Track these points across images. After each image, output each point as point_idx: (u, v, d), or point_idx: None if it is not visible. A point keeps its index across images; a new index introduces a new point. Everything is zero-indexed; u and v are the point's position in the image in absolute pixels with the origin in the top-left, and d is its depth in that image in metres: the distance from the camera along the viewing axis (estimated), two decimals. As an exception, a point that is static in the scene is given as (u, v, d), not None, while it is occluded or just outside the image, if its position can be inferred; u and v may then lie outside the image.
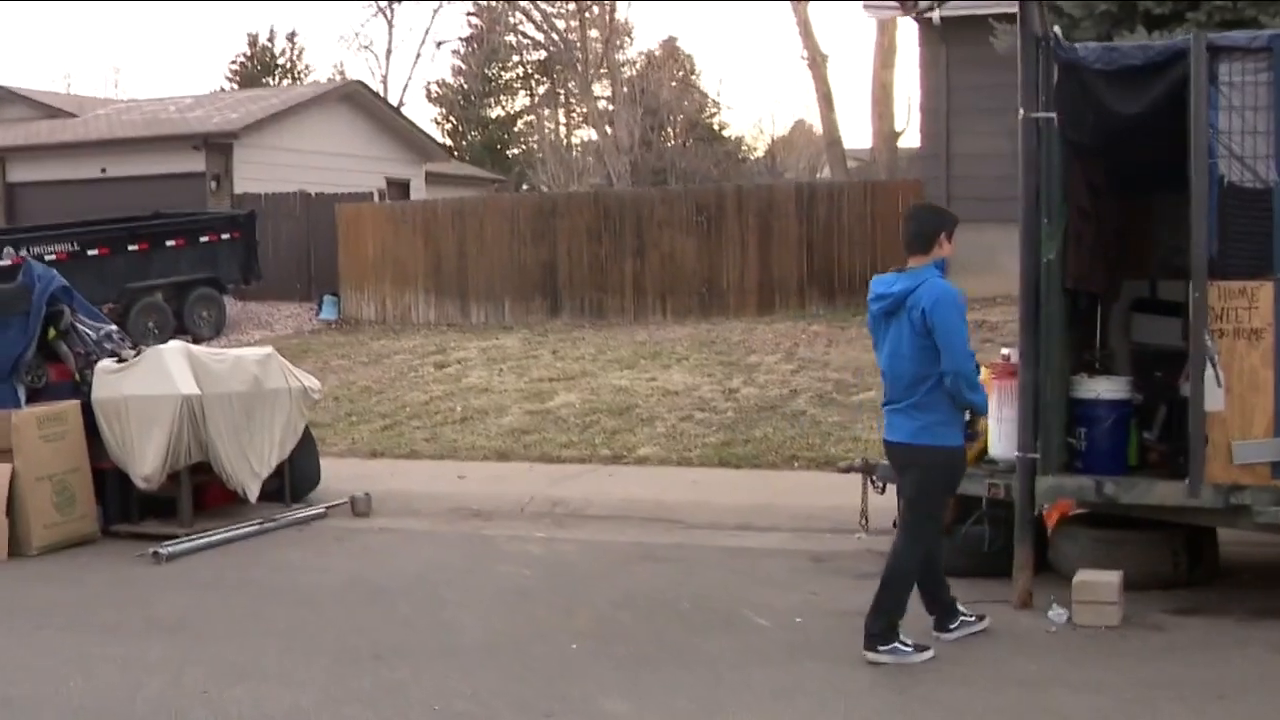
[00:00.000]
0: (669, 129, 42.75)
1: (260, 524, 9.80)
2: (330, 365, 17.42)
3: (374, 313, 21.72)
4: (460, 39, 47.53)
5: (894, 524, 8.48)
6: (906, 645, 6.22)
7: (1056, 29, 6.96)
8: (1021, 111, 6.87)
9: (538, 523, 10.08)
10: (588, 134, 45.93)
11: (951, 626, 6.55)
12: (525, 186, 40.72)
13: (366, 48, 68.25)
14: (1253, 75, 6.54)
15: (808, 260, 19.57)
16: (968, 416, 6.37)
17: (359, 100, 29.64)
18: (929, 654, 6.21)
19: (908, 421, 6.28)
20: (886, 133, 30.68)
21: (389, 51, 55.19)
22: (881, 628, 6.23)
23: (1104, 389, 7.35)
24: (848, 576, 8.07)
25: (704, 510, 10.15)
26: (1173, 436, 7.67)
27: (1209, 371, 6.50)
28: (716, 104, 47.16)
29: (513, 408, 14.26)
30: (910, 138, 33.76)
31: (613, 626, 7.01)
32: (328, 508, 10.46)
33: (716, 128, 45.90)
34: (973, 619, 6.59)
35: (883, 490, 8.44)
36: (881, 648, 6.20)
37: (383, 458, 12.74)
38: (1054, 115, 6.82)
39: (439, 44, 72.63)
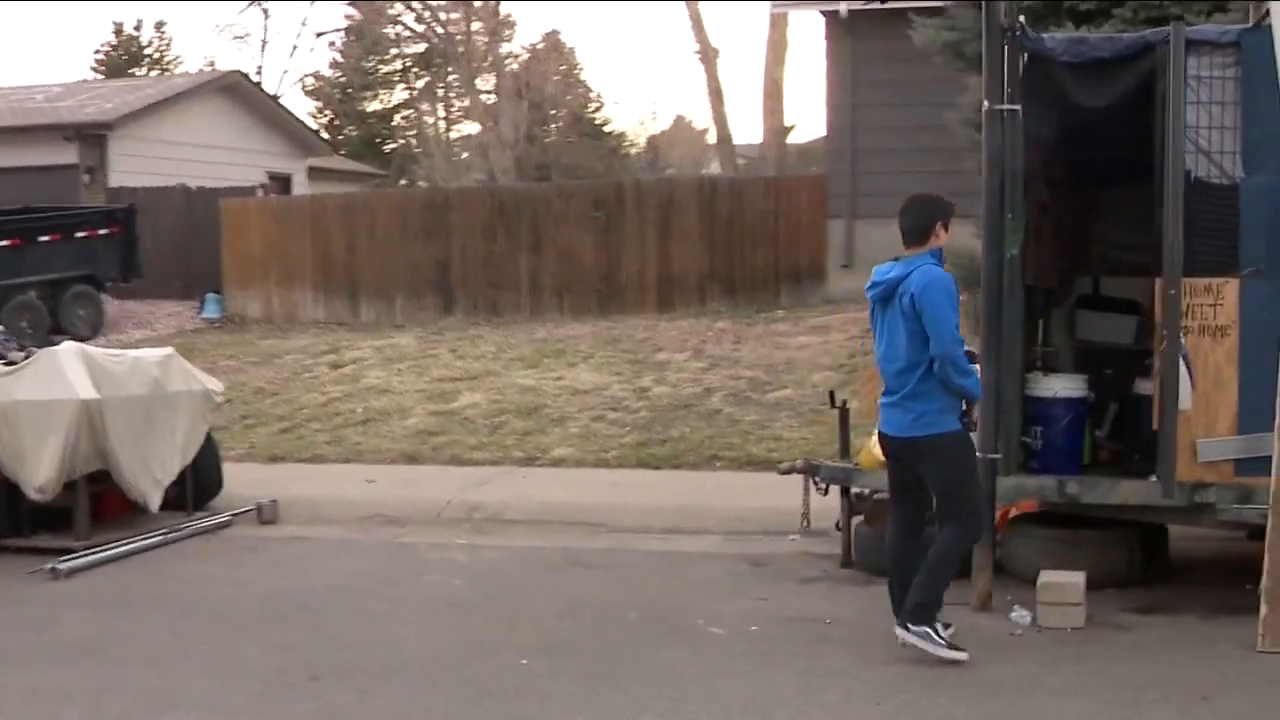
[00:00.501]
0: (553, 124, 42.33)
1: (164, 534, 9.26)
2: (219, 366, 16.71)
3: (260, 311, 20.99)
4: (338, 31, 46.56)
5: (836, 526, 8.30)
6: (940, 637, 6.03)
7: (1022, 18, 6.75)
8: (986, 104, 6.65)
9: (456, 529, 9.70)
10: (468, 129, 45.34)
11: (917, 633, 6.32)
12: (404, 182, 39.98)
13: (241, 39, 66.56)
14: (1220, 70, 6.43)
15: (709, 256, 19.32)
16: (963, 405, 6.14)
17: (239, 91, 28.72)
18: (961, 655, 5.98)
19: (903, 415, 6.12)
20: (777, 128, 30.67)
21: (264, 43, 53.72)
22: (913, 605, 6.07)
23: (1061, 387, 7.19)
24: (791, 581, 7.83)
25: (628, 513, 9.85)
26: (1125, 434, 7.56)
27: (1182, 370, 6.34)
28: (600, 99, 46.87)
29: (416, 409, 13.81)
30: (800, 133, 33.90)
31: (560, 639, 6.65)
32: (233, 515, 9.97)
33: (600, 123, 45.57)
34: (940, 625, 6.36)
35: (825, 491, 8.23)
36: (913, 627, 6.04)
37: (284, 462, 12.24)
38: (1019, 108, 6.60)
39: (319, 34, 71.31)
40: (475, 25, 39.14)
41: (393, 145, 45.01)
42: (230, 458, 11.54)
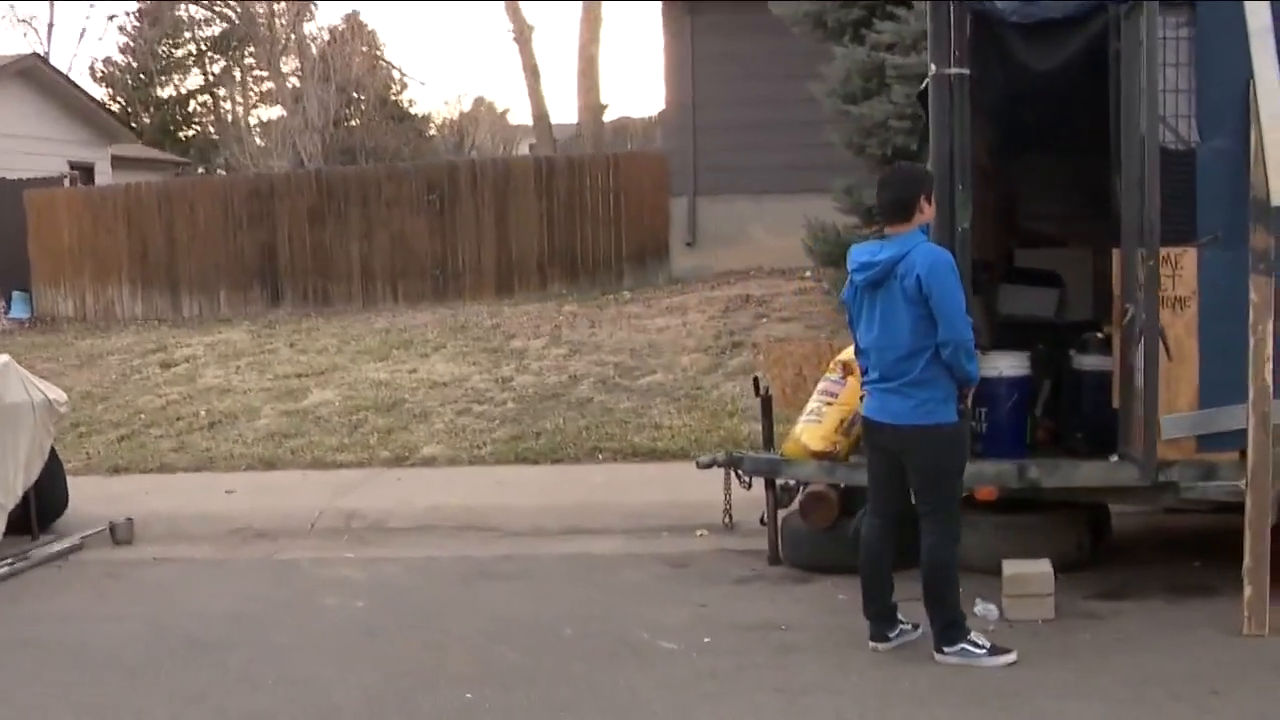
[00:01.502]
0: (357, 106, 41.06)
1: (11, 564, 8.35)
2: (37, 370, 15.21)
3: (73, 309, 19.69)
4: (129, 14, 44.31)
5: (761, 520, 7.86)
6: (979, 646, 5.64)
7: (971, -28, 6.37)
8: (933, 67, 6.25)
9: (335, 541, 8.99)
10: (269, 113, 43.68)
11: (890, 635, 5.92)
12: (201, 169, 38.31)
13: (26, 22, 62.83)
14: (1174, 30, 6.13)
15: (549, 238, 18.81)
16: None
17: (36, 76, 26.78)
18: (1009, 658, 5.61)
19: (903, 401, 5.66)
20: (593, 105, 30.16)
21: (51, 26, 50.68)
22: (941, 627, 5.69)
23: (1006, 366, 6.84)
24: (724, 583, 7.36)
25: (520, 515, 9.27)
26: (1062, 412, 7.29)
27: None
28: (404, 81, 45.71)
29: (264, 409, 12.94)
30: (614, 111, 33.42)
31: (500, 665, 6.05)
32: (83, 537, 9.06)
33: (406, 105, 44.46)
34: (909, 627, 5.98)
35: (749, 485, 7.78)
36: (948, 649, 5.66)
37: (128, 473, 11.27)
38: (967, 72, 6.22)
39: (110, 18, 68.39)
40: (277, 5, 37.65)
41: (190, 132, 43.13)
42: (67, 470, 10.57)
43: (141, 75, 41.65)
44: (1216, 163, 6.14)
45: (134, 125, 40.17)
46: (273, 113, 42.96)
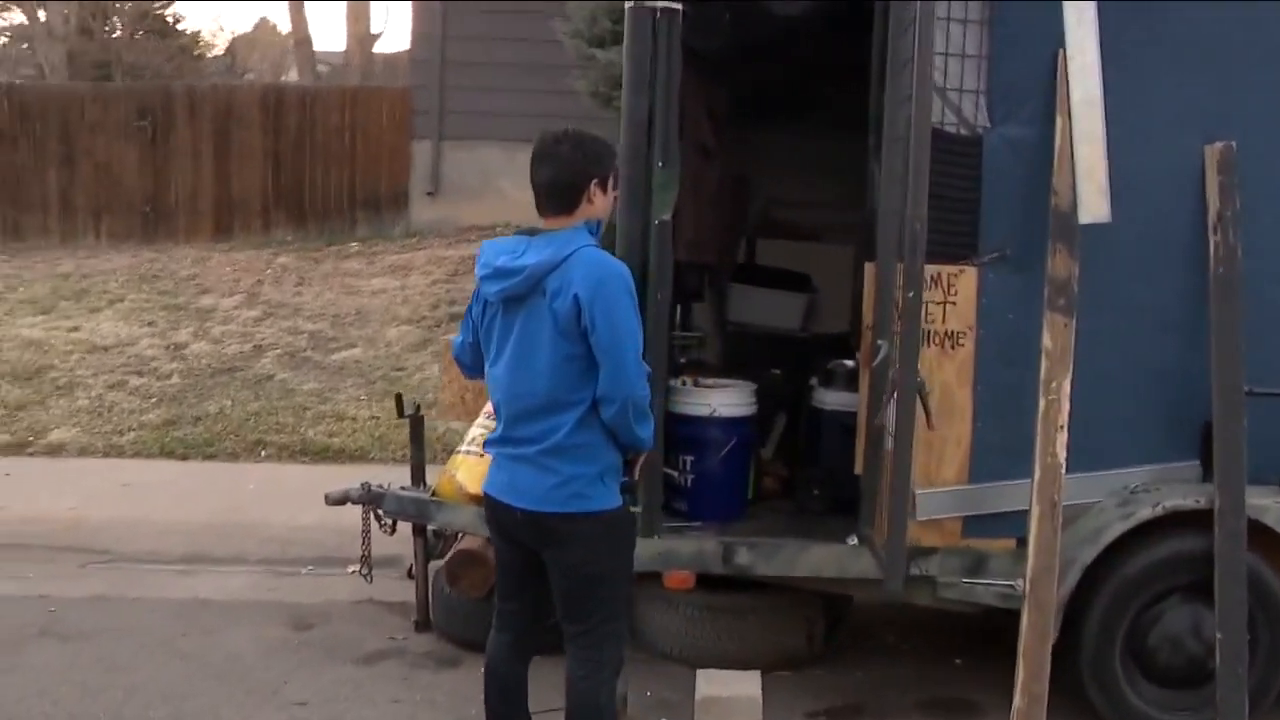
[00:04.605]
0: (115, 18, 37.71)
1: None
2: None
3: None
4: None
5: (409, 573, 6.11)
6: None
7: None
8: (633, -1, 4.48)
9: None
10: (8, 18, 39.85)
11: (528, 787, 4.20)
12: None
13: None
14: (965, -25, 4.47)
15: (274, 177, 16.69)
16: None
17: None
18: None
19: (539, 477, 3.75)
20: (362, 35, 28.01)
21: None
22: None
23: (721, 403, 5.16)
24: (347, 661, 5.56)
25: (140, 532, 7.43)
26: (799, 459, 5.70)
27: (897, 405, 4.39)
28: (170, -7, 42.27)
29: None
30: (390, 41, 31.13)
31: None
32: None
33: (171, 20, 41.11)
34: (558, 772, 4.28)
35: (392, 530, 5.98)
36: None
37: None
38: (679, 7, 4.48)
39: None
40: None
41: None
42: None
43: None
44: (1008, 153, 4.52)
45: None
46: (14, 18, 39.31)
